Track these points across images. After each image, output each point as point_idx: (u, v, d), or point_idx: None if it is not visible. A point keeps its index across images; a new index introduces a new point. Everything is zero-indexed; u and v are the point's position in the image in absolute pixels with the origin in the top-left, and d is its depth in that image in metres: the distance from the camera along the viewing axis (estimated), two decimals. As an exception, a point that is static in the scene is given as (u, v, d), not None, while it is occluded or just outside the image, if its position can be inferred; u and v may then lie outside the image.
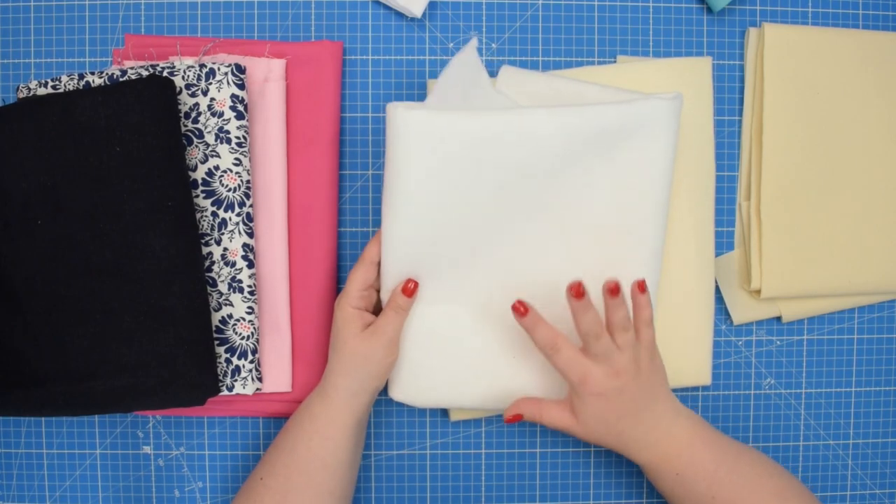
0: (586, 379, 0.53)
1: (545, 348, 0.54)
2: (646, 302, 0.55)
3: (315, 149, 0.60)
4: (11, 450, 0.64)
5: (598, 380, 0.53)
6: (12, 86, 0.62)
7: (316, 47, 0.61)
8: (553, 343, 0.53)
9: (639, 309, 0.54)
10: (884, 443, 0.65)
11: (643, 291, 0.55)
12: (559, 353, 0.53)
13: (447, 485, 0.64)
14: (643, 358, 0.54)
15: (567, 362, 0.53)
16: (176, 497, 0.64)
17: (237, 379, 0.59)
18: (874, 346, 0.65)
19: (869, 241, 0.63)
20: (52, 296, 0.55)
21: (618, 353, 0.53)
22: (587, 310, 0.53)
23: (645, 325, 0.54)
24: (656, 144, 0.55)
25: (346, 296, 0.56)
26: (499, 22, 0.63)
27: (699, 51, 0.64)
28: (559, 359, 0.53)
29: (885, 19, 0.64)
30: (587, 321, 0.53)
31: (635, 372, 0.53)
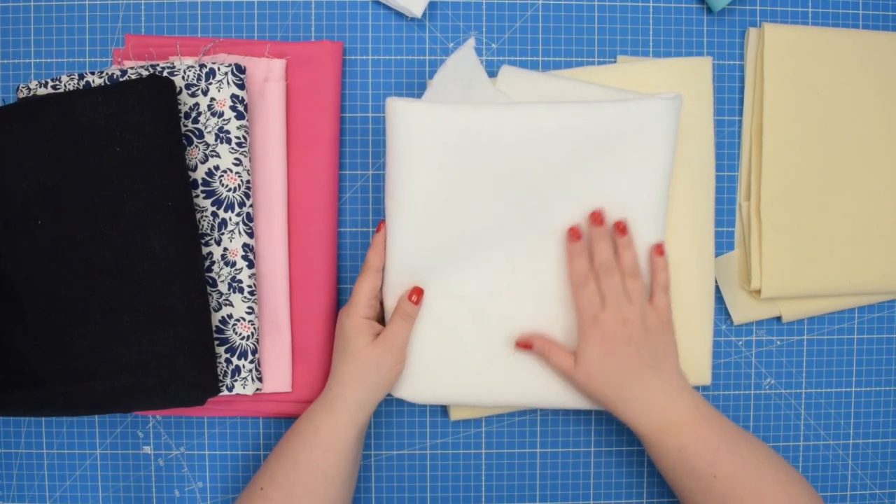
0: (597, 319, 0.54)
1: (577, 277, 0.55)
2: (662, 265, 0.56)
3: (315, 149, 0.60)
4: (11, 450, 0.64)
5: (606, 322, 0.54)
6: (12, 86, 0.62)
7: (316, 47, 0.61)
8: (586, 276, 0.55)
9: (655, 272, 0.56)
10: (884, 443, 0.65)
11: (661, 254, 0.56)
12: (585, 287, 0.55)
13: (447, 485, 0.64)
14: (653, 321, 0.55)
15: (587, 299, 0.55)
16: (176, 497, 0.64)
17: (237, 379, 0.59)
18: (874, 346, 0.65)
19: (869, 241, 0.63)
20: (52, 296, 0.55)
21: (627, 301, 0.54)
22: (604, 239, 0.55)
23: (660, 290, 0.56)
24: (656, 144, 0.55)
25: (355, 306, 0.56)
26: (499, 22, 0.63)
27: (699, 51, 0.64)
28: (583, 292, 0.55)
29: (885, 19, 0.64)
30: (604, 251, 0.55)
31: (643, 329, 0.54)
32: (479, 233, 0.57)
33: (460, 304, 0.58)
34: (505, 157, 0.55)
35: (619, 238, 0.55)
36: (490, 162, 0.55)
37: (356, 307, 0.56)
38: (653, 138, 0.55)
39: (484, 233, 0.57)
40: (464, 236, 0.57)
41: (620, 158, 0.56)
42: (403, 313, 0.56)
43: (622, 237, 0.55)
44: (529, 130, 0.54)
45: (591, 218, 0.55)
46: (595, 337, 0.54)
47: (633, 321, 0.54)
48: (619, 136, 0.55)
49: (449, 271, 0.57)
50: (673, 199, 0.61)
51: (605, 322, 0.54)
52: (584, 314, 0.55)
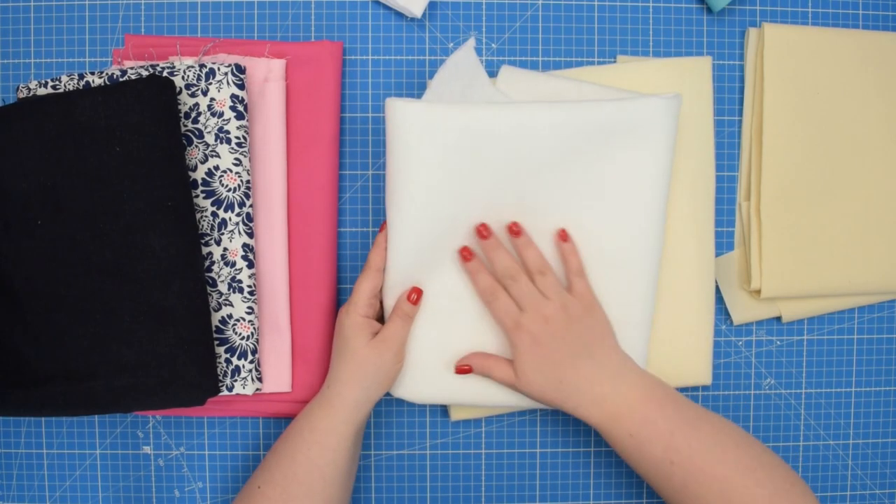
0: (519, 324, 0.54)
1: (484, 294, 0.55)
2: (571, 250, 0.55)
3: (315, 149, 0.60)
4: (11, 450, 0.64)
5: (529, 326, 0.53)
6: (12, 86, 0.62)
7: (316, 47, 0.61)
8: (493, 291, 0.55)
9: (565, 258, 0.55)
10: (884, 443, 0.65)
11: (565, 240, 0.55)
12: (497, 301, 0.55)
13: (447, 485, 0.64)
14: (575, 309, 0.54)
15: (502, 310, 0.55)
16: (176, 497, 0.64)
17: (237, 379, 0.59)
18: (874, 346, 0.65)
19: (869, 241, 0.63)
20: (52, 296, 0.55)
21: (543, 299, 0.54)
22: (497, 248, 0.55)
23: (575, 275, 0.55)
24: (655, 143, 0.55)
25: (355, 304, 0.56)
26: (499, 22, 0.63)
27: (699, 51, 0.64)
28: (496, 306, 0.55)
29: (885, 19, 0.64)
30: (500, 260, 0.55)
31: (566, 320, 0.53)
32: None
33: (460, 304, 0.58)
34: (504, 157, 0.55)
35: (515, 240, 0.55)
36: (489, 162, 0.55)
37: (356, 306, 0.56)
38: (652, 138, 0.55)
39: (484, 233, 0.57)
40: (463, 236, 0.57)
41: (620, 158, 0.56)
42: (402, 313, 0.56)
43: (518, 238, 0.55)
44: (529, 130, 0.54)
45: (477, 233, 0.55)
46: (523, 343, 0.54)
47: (554, 316, 0.53)
48: (618, 135, 0.55)
49: (449, 271, 0.57)
50: (673, 199, 0.61)
51: (527, 325, 0.54)
52: (506, 324, 0.55)
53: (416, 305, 0.57)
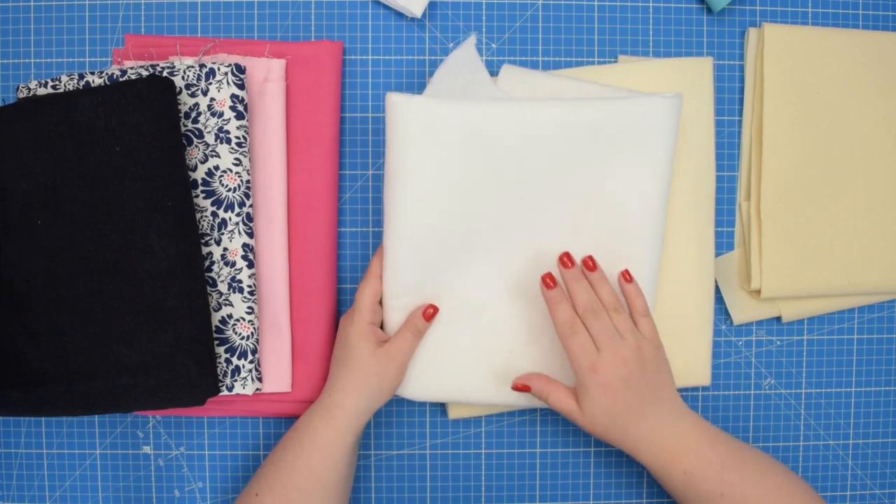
0: (595, 366, 0.52)
1: (563, 327, 0.52)
2: (635, 291, 0.54)
3: (315, 149, 0.60)
4: (11, 450, 0.64)
5: (605, 367, 0.51)
6: (12, 86, 0.62)
7: (316, 47, 0.61)
8: (573, 324, 0.52)
9: (630, 300, 0.54)
10: (884, 443, 0.65)
11: (629, 281, 0.54)
12: (576, 336, 0.52)
13: (447, 485, 0.64)
14: (647, 349, 0.53)
15: (581, 347, 0.52)
16: (176, 497, 0.64)
17: (237, 379, 0.59)
18: (874, 346, 0.65)
19: (869, 241, 0.63)
20: (53, 296, 0.55)
21: (621, 339, 0.52)
22: (579, 280, 0.53)
23: (642, 316, 0.54)
24: (656, 143, 0.55)
25: (359, 311, 0.56)
26: (499, 22, 0.63)
27: (699, 51, 0.64)
28: (574, 342, 0.52)
29: (885, 19, 0.64)
30: (582, 293, 0.53)
31: (641, 363, 0.52)
32: (479, 231, 0.57)
33: (460, 303, 0.58)
34: (504, 154, 0.55)
35: (590, 274, 0.54)
36: (489, 158, 0.55)
37: (360, 313, 0.56)
38: (653, 137, 0.55)
39: (483, 231, 0.57)
40: (463, 234, 0.57)
41: (621, 157, 0.56)
42: (414, 328, 0.56)
43: (593, 273, 0.54)
44: (529, 127, 0.54)
45: (560, 261, 0.54)
46: (597, 386, 0.52)
47: (630, 358, 0.52)
48: (619, 134, 0.55)
49: (448, 270, 0.57)
50: (673, 199, 0.61)
51: (605, 367, 0.51)
52: (581, 363, 0.52)
53: (429, 322, 0.56)
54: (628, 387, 0.52)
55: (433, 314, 0.56)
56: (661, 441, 0.53)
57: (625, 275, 0.55)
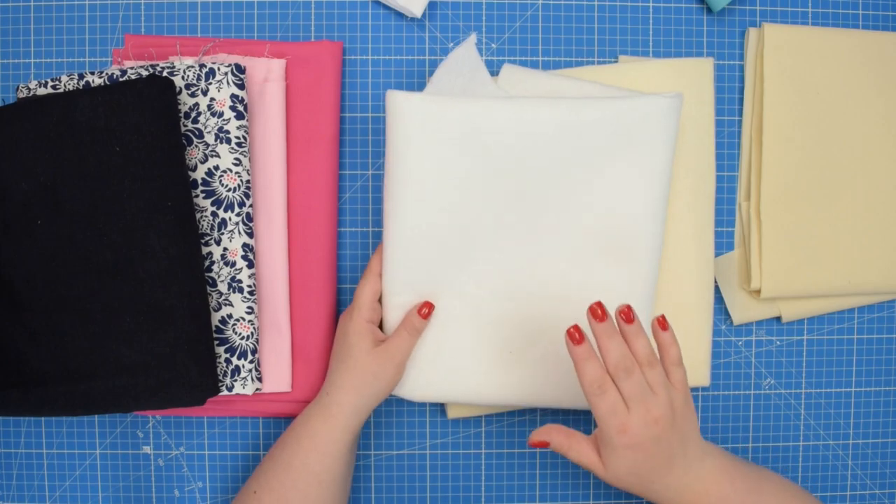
0: (625, 429, 0.48)
1: (591, 386, 0.48)
2: (671, 340, 0.51)
3: (315, 149, 0.60)
4: (11, 450, 0.64)
5: (636, 430, 0.48)
6: (12, 86, 0.62)
7: (316, 47, 0.61)
8: (602, 383, 0.48)
9: (665, 348, 0.51)
10: (884, 443, 0.65)
11: (665, 328, 0.51)
12: (605, 396, 0.48)
13: (447, 485, 0.64)
14: (678, 402, 0.50)
15: (610, 408, 0.48)
16: (176, 497, 0.64)
17: (237, 379, 0.59)
18: (874, 346, 0.65)
19: (869, 241, 0.63)
20: (53, 296, 0.55)
21: (652, 396, 0.48)
22: (612, 336, 0.48)
23: (674, 366, 0.51)
24: (656, 143, 0.55)
25: (358, 309, 0.56)
26: (499, 22, 0.63)
27: (699, 51, 0.64)
28: (603, 402, 0.48)
29: (885, 19, 0.64)
30: (615, 350, 0.48)
31: (671, 419, 0.49)
32: (478, 230, 0.57)
33: (459, 302, 0.58)
34: (504, 152, 0.55)
35: (626, 327, 0.49)
36: (489, 156, 0.55)
37: (359, 311, 0.56)
38: (653, 137, 0.55)
39: (483, 230, 0.57)
40: (463, 232, 0.57)
41: (620, 156, 0.56)
42: (411, 327, 0.56)
43: (630, 325, 0.49)
44: (529, 126, 0.54)
45: (591, 313, 0.49)
46: (624, 447, 0.48)
47: (662, 416, 0.48)
48: (619, 133, 0.55)
49: (448, 268, 0.57)
50: (673, 200, 0.61)
51: (635, 428, 0.48)
52: (609, 424, 0.48)
53: (426, 320, 0.56)
54: (657, 444, 0.49)
55: (429, 312, 0.56)
56: (684, 490, 0.51)
57: (661, 322, 0.51)
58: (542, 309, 0.58)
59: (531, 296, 0.58)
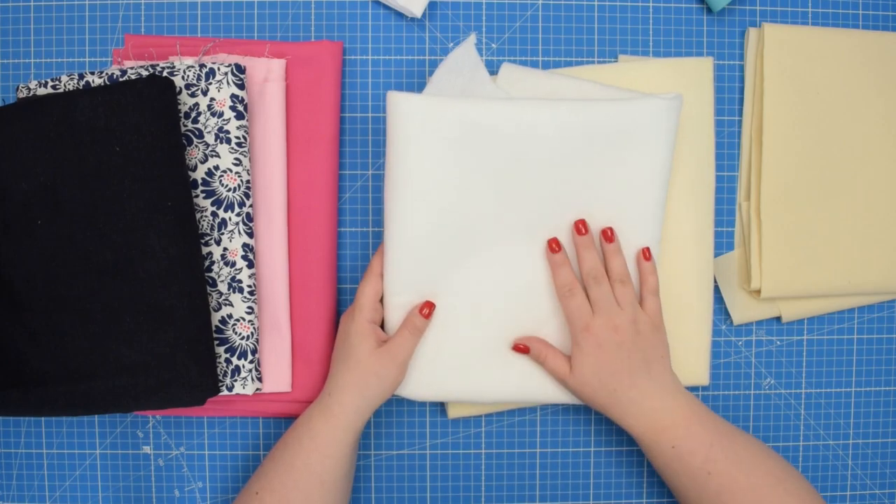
0: (589, 326, 0.54)
1: (562, 288, 0.56)
2: (650, 269, 0.56)
3: (315, 149, 0.60)
4: (11, 450, 0.64)
5: (598, 330, 0.54)
6: (12, 86, 0.62)
7: (316, 47, 0.61)
8: (571, 286, 0.55)
9: (644, 276, 0.56)
10: (884, 443, 0.65)
11: (648, 259, 0.56)
12: (573, 298, 0.55)
13: (447, 485, 0.64)
14: (644, 325, 0.55)
15: (577, 308, 0.55)
16: (176, 497, 0.64)
17: (237, 379, 0.59)
18: (874, 346, 0.65)
19: (869, 241, 0.63)
20: (53, 296, 0.55)
21: (617, 308, 0.55)
22: (589, 248, 0.55)
23: (650, 294, 0.56)
24: (655, 144, 0.55)
25: (361, 310, 0.56)
26: (499, 22, 0.63)
27: (699, 51, 0.64)
28: (571, 302, 0.55)
29: (885, 19, 0.64)
30: (589, 259, 0.55)
31: (634, 333, 0.54)
32: (478, 229, 0.57)
33: (459, 301, 0.58)
34: (504, 153, 0.55)
35: (606, 245, 0.56)
36: (489, 157, 0.55)
37: (361, 311, 0.56)
38: (652, 138, 0.55)
39: (483, 229, 0.57)
40: (463, 232, 0.57)
41: (619, 157, 0.56)
42: (412, 327, 0.56)
43: (610, 244, 0.56)
44: (528, 126, 0.54)
45: (575, 228, 0.56)
46: (587, 345, 0.55)
47: (624, 327, 0.54)
48: (618, 134, 0.55)
49: (448, 268, 0.57)
50: (673, 199, 0.61)
51: (597, 329, 0.54)
52: (575, 323, 0.55)
53: (427, 319, 0.56)
54: (619, 350, 0.54)
55: (430, 312, 0.56)
56: (651, 412, 0.54)
57: (644, 252, 0.56)
58: (541, 308, 0.58)
59: (531, 295, 0.58)
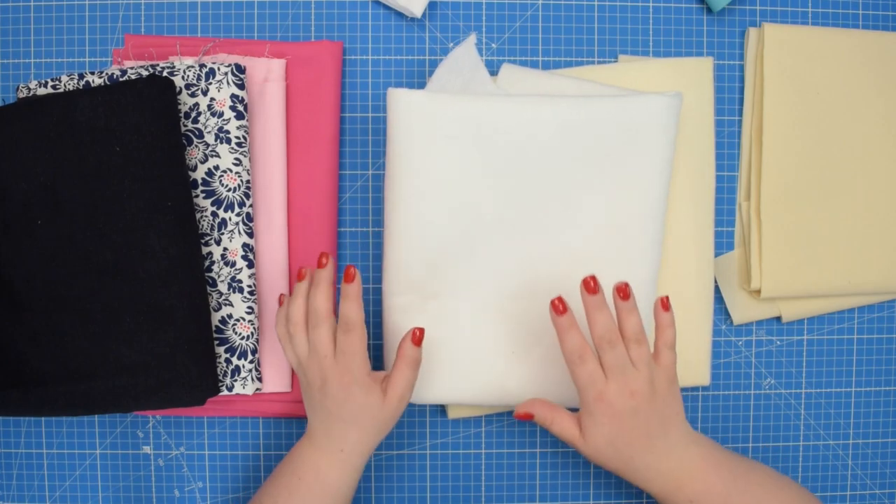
0: (603, 395, 0.50)
1: (571, 355, 0.50)
2: (669, 322, 0.52)
3: (315, 149, 0.60)
4: (11, 450, 0.64)
5: (613, 398, 0.50)
6: (12, 86, 0.62)
7: (316, 47, 0.61)
8: (582, 352, 0.50)
9: (661, 329, 0.52)
10: (884, 443, 0.65)
11: (667, 310, 0.52)
12: (584, 365, 0.50)
13: (447, 485, 0.64)
14: (660, 382, 0.51)
15: (589, 376, 0.50)
16: (176, 497, 0.64)
17: (237, 379, 0.59)
18: (874, 346, 0.65)
19: (869, 241, 0.63)
20: (53, 296, 0.55)
21: (633, 370, 0.50)
22: (601, 309, 0.50)
23: (667, 348, 0.52)
24: (655, 142, 0.55)
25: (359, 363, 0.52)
26: (499, 22, 0.63)
27: (699, 51, 0.64)
28: (583, 371, 0.50)
29: (885, 19, 0.64)
30: (602, 322, 0.50)
31: (650, 394, 0.50)
32: (479, 228, 0.57)
33: (459, 302, 0.58)
34: (504, 151, 0.55)
35: (620, 303, 0.51)
36: (490, 155, 0.55)
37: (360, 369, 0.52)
38: (653, 136, 0.55)
39: (483, 228, 0.57)
40: (463, 231, 0.57)
41: (620, 155, 0.56)
42: (410, 360, 0.53)
43: (625, 302, 0.51)
44: (530, 124, 0.54)
45: (584, 285, 0.50)
46: (601, 414, 0.50)
47: (640, 390, 0.50)
48: (619, 132, 0.55)
49: (449, 267, 0.57)
50: (673, 200, 0.61)
51: (612, 398, 0.50)
52: (587, 391, 0.50)
53: (420, 347, 0.53)
54: (635, 417, 0.50)
55: (421, 336, 0.54)
56: (667, 473, 0.51)
57: (663, 303, 0.52)
58: (543, 308, 0.58)
59: (532, 295, 0.58)
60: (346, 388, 0.52)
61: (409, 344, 0.53)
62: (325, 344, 0.52)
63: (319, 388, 0.53)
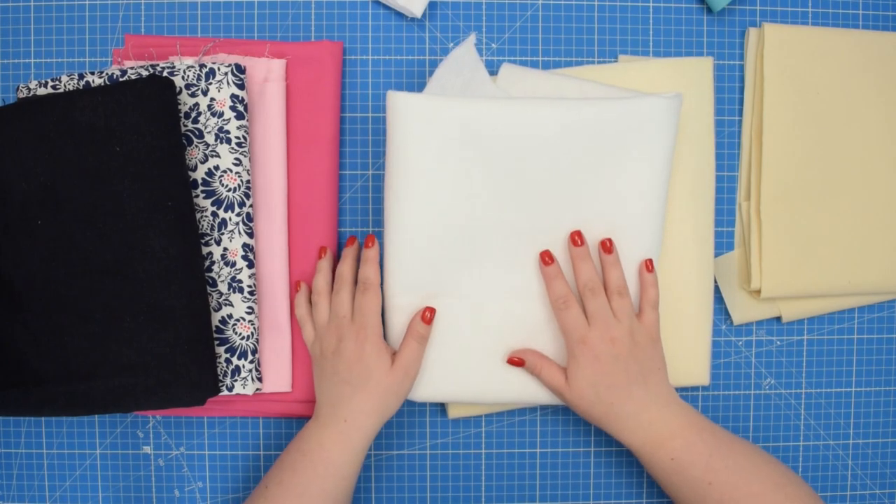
0: (585, 340, 0.54)
1: (557, 301, 0.55)
2: (652, 281, 0.56)
3: (315, 149, 0.60)
4: (11, 450, 0.64)
5: (594, 342, 0.53)
6: (12, 86, 0.62)
7: (316, 47, 0.61)
8: (566, 298, 0.55)
9: (645, 288, 0.56)
10: (884, 443, 0.65)
11: (650, 271, 0.56)
12: (569, 310, 0.54)
13: (447, 485, 0.64)
14: (641, 336, 0.54)
15: (573, 320, 0.54)
16: (176, 497, 0.64)
17: (237, 379, 0.59)
18: (874, 346, 0.65)
19: (869, 241, 0.63)
20: (52, 296, 0.55)
21: (614, 320, 0.54)
22: (585, 259, 0.55)
23: (650, 307, 0.55)
24: (655, 143, 0.55)
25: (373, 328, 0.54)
26: (499, 22, 0.63)
27: (699, 51, 0.64)
28: (567, 315, 0.54)
29: (885, 19, 0.64)
30: (586, 272, 0.55)
31: (631, 345, 0.54)
32: (479, 229, 0.57)
33: (459, 302, 0.58)
34: (504, 152, 0.55)
35: (605, 256, 0.55)
36: (489, 156, 0.55)
37: (374, 329, 0.55)
38: (653, 137, 0.55)
39: (484, 229, 0.57)
40: (463, 232, 0.57)
41: (620, 156, 0.56)
42: (417, 335, 0.55)
43: (608, 255, 0.55)
44: (528, 125, 0.54)
45: (570, 238, 0.55)
46: (584, 357, 0.54)
47: (621, 339, 0.53)
48: (618, 133, 0.55)
49: (449, 268, 0.57)
50: (673, 199, 0.61)
51: (593, 341, 0.54)
52: (571, 335, 0.54)
53: (430, 325, 0.56)
54: (615, 362, 0.53)
55: (432, 316, 0.56)
56: (647, 425, 0.54)
57: (647, 264, 0.56)
58: (543, 307, 0.58)
59: (532, 294, 0.58)
60: (360, 346, 0.54)
61: (418, 320, 0.56)
62: (344, 305, 0.56)
63: (334, 352, 0.55)
